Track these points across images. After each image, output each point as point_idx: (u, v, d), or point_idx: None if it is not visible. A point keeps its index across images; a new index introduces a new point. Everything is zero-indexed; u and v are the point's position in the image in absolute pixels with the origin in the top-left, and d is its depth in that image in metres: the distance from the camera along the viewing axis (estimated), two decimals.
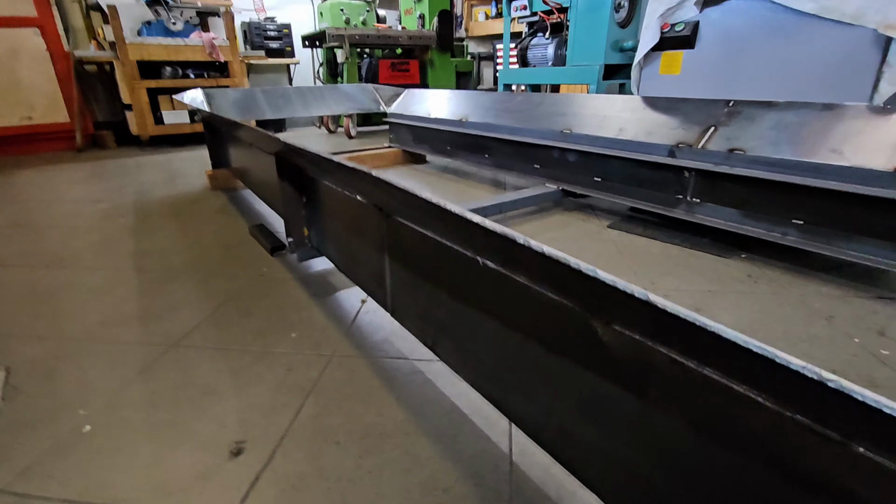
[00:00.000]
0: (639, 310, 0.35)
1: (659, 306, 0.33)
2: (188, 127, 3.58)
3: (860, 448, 0.27)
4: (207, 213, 1.78)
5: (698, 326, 0.31)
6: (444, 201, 0.50)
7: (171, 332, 0.96)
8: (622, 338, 0.41)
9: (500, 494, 0.58)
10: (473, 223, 0.47)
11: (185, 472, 0.62)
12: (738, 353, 0.30)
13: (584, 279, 0.37)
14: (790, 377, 0.28)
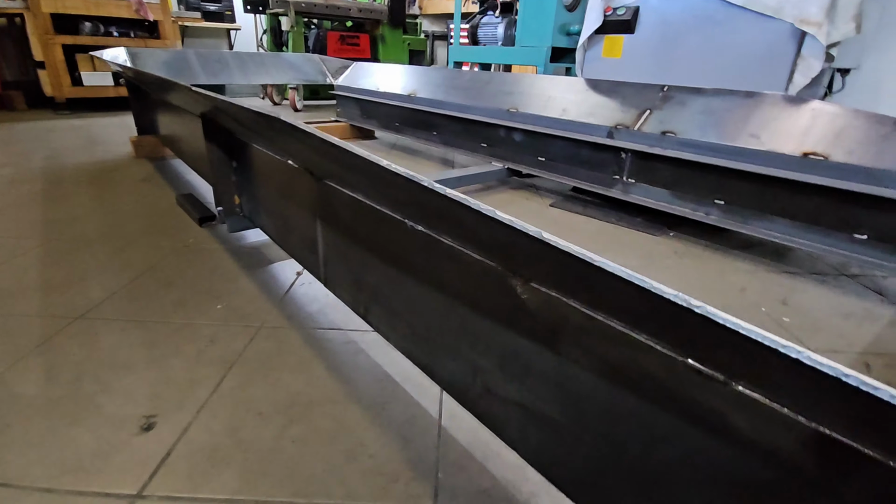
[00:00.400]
0: (552, 258, 0.35)
1: (566, 250, 0.32)
2: (112, 90, 3.26)
3: (739, 386, 0.29)
4: (129, 182, 1.64)
5: (602, 269, 0.31)
6: (374, 156, 0.48)
7: (77, 304, 0.87)
8: (539, 295, 0.41)
9: (427, 457, 0.58)
10: (399, 175, 0.45)
11: (85, 449, 0.57)
12: (636, 297, 0.30)
13: (503, 229, 0.36)
14: (681, 322, 0.29)
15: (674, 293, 0.27)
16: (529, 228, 0.31)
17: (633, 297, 0.31)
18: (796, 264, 1.21)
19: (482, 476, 0.56)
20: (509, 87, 1.89)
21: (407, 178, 0.40)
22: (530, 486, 0.54)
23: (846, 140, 1.07)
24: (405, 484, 0.54)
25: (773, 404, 0.27)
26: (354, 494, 0.52)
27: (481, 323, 0.49)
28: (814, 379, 0.24)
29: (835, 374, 0.22)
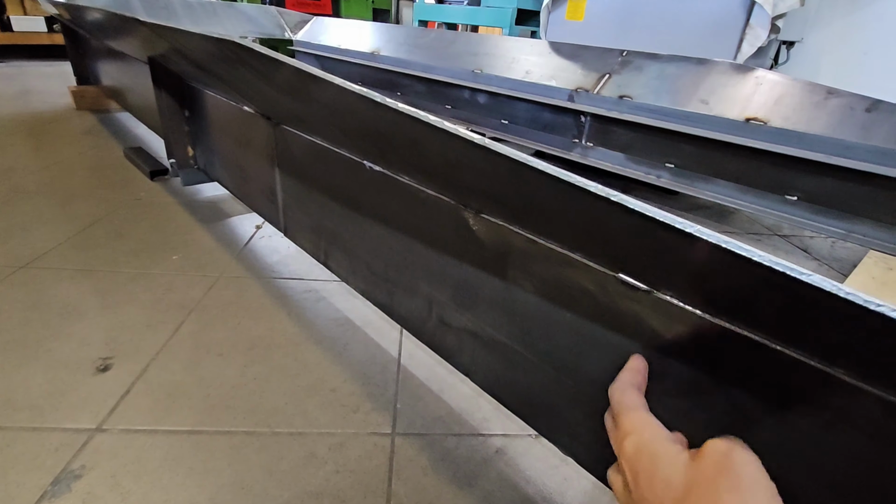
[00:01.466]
0: (502, 177, 0.36)
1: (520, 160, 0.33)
2: (46, 37, 2.98)
3: (661, 294, 0.33)
4: (71, 134, 1.54)
5: (542, 172, 0.32)
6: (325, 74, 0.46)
7: (20, 254, 0.83)
8: (489, 226, 0.43)
9: (386, 390, 0.61)
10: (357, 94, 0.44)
11: (36, 389, 0.56)
12: (574, 210, 0.33)
13: (455, 143, 0.37)
14: (610, 236, 0.32)
15: (597, 187, 0.29)
16: (475, 137, 0.33)
17: (570, 212, 0.34)
18: (737, 225, 1.30)
19: (438, 405, 0.59)
20: (474, 47, 1.87)
21: (360, 95, 0.40)
22: (483, 413, 0.59)
23: (784, 106, 1.14)
24: (365, 413, 0.57)
25: (686, 306, 0.31)
26: (316, 423, 0.55)
27: (436, 258, 0.51)
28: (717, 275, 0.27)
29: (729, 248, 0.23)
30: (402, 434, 0.55)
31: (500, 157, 0.31)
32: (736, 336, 0.28)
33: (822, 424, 0.24)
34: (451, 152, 0.38)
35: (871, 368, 0.22)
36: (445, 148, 0.38)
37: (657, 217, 0.26)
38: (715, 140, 1.20)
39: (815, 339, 0.24)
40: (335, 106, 0.46)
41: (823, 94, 1.12)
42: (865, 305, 0.19)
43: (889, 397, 0.21)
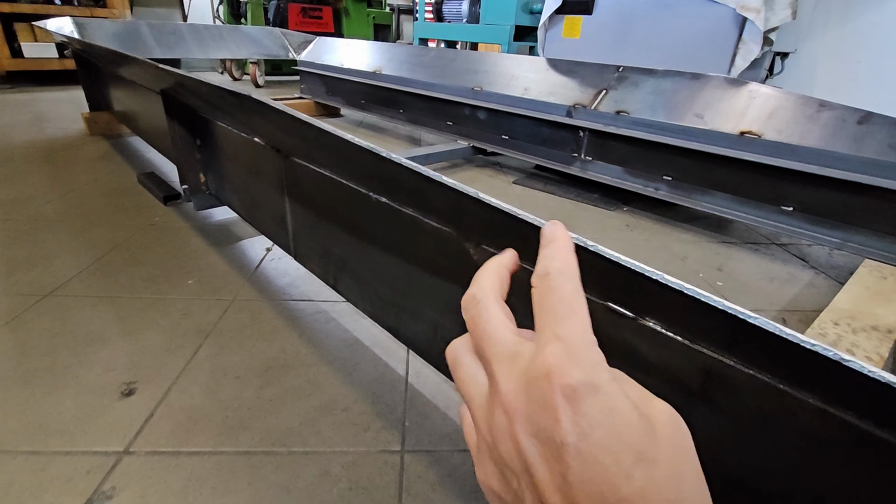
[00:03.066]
0: (498, 221, 0.40)
1: (509, 212, 0.37)
2: (57, 63, 3.08)
3: (648, 321, 0.36)
4: (86, 161, 1.59)
5: (531, 224, 0.36)
6: (336, 130, 0.51)
7: (44, 282, 0.87)
8: (488, 255, 0.47)
9: (395, 409, 0.64)
10: (363, 149, 0.49)
11: (67, 414, 0.60)
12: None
13: (453, 194, 0.41)
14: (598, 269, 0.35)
15: (591, 243, 0.32)
16: (469, 190, 0.36)
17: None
18: (734, 235, 1.32)
19: (444, 423, 0.62)
20: (474, 65, 1.92)
21: (367, 150, 0.45)
22: None
23: (777, 120, 1.17)
24: (376, 432, 0.60)
25: (669, 333, 0.34)
26: (329, 442, 0.58)
27: (440, 284, 0.54)
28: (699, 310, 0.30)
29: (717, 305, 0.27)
30: (410, 451, 0.58)
31: (494, 210, 0.35)
32: (711, 359, 0.31)
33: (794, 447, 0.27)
34: (449, 199, 0.41)
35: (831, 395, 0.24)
36: (445, 196, 0.41)
37: (628, 265, 0.29)
38: (711, 153, 1.23)
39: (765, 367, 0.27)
40: (342, 152, 0.50)
41: (816, 107, 1.15)
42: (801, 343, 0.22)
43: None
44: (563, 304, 0.21)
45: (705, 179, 1.27)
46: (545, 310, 0.21)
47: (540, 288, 0.22)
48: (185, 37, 2.45)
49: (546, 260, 0.23)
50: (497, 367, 0.21)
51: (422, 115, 2.03)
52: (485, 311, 0.24)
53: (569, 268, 0.22)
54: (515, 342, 0.22)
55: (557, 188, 1.60)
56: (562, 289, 0.21)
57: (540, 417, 0.18)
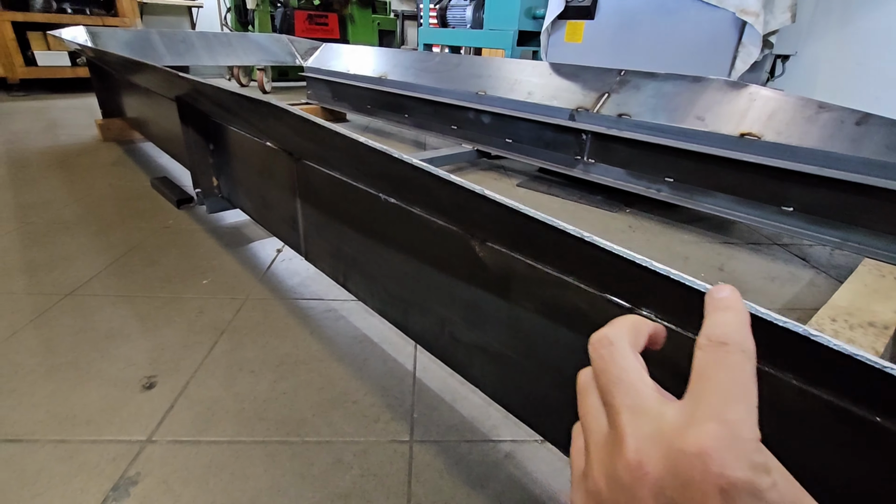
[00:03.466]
0: (504, 218, 0.43)
1: (516, 209, 0.40)
2: (69, 70, 3.14)
3: (643, 311, 0.38)
4: (100, 166, 1.63)
5: (543, 223, 0.38)
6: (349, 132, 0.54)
7: (65, 282, 0.91)
8: (493, 252, 0.49)
9: (404, 401, 0.66)
10: (376, 150, 0.51)
11: (92, 406, 0.63)
12: (568, 248, 0.39)
13: (458, 190, 0.43)
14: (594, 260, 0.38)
15: (589, 235, 0.35)
16: (475, 188, 0.39)
17: (563, 245, 0.39)
18: (736, 235, 1.34)
19: (451, 414, 0.65)
20: (478, 70, 1.95)
21: (379, 151, 0.47)
22: (493, 421, 0.64)
23: (777, 121, 1.19)
24: (385, 423, 0.63)
25: (666, 322, 0.37)
26: (341, 432, 0.61)
27: (447, 281, 0.57)
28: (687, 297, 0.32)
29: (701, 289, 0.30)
30: (419, 441, 0.60)
31: (500, 206, 0.37)
32: None
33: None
34: (457, 198, 0.44)
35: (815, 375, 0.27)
36: (453, 194, 0.44)
37: (626, 256, 0.32)
38: (712, 155, 1.25)
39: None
40: (354, 154, 0.53)
41: (815, 109, 1.17)
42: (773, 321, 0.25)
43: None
44: (736, 384, 0.19)
45: (706, 181, 1.29)
46: (712, 382, 0.19)
47: (712, 356, 0.20)
48: (194, 44, 2.50)
49: (723, 327, 0.21)
50: (626, 419, 0.20)
51: (427, 119, 2.06)
52: (619, 357, 0.23)
53: (750, 347, 0.20)
54: (654, 399, 0.21)
55: (561, 190, 1.63)
56: (739, 367, 0.19)
57: (680, 496, 0.17)
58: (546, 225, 0.39)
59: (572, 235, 0.34)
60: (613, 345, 0.23)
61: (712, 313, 0.22)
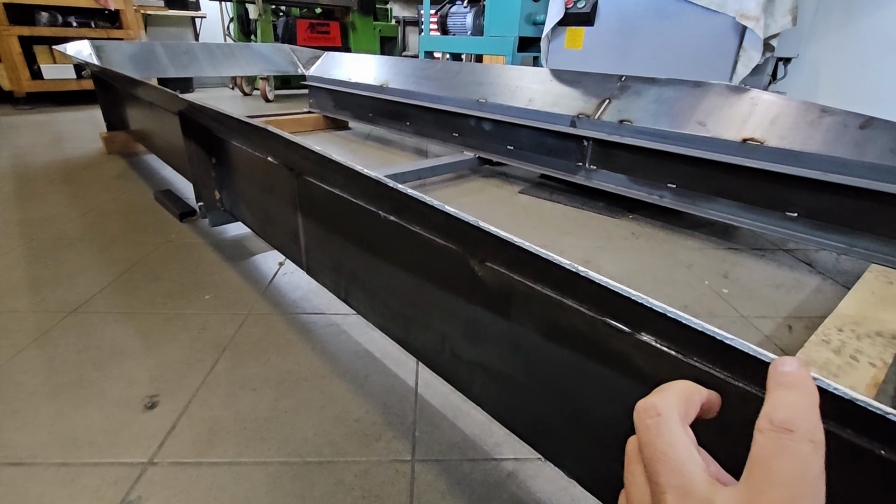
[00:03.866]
0: (501, 248, 0.43)
1: (508, 240, 0.40)
2: (75, 83, 3.17)
3: (644, 336, 0.37)
4: (104, 179, 1.65)
5: (538, 256, 0.39)
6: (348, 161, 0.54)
7: (69, 299, 0.91)
8: (492, 272, 0.49)
9: (405, 419, 0.66)
10: (375, 180, 0.52)
11: (94, 427, 0.63)
12: (565, 275, 0.39)
13: (461, 224, 0.44)
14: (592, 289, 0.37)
15: (584, 271, 0.35)
16: (469, 218, 0.39)
17: (558, 274, 0.39)
18: (741, 241, 1.33)
19: (453, 432, 0.64)
20: (478, 77, 1.95)
21: (377, 181, 0.47)
22: (495, 439, 0.63)
23: (779, 126, 1.18)
24: (387, 442, 0.62)
25: (662, 346, 0.36)
26: (343, 452, 0.60)
27: (447, 298, 0.56)
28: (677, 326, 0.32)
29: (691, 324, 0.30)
30: (421, 460, 0.60)
31: (493, 237, 0.37)
32: (699, 370, 0.32)
33: None
34: (453, 222, 0.44)
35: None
36: (449, 221, 0.44)
37: (621, 292, 0.32)
38: (714, 161, 1.24)
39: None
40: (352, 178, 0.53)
41: (817, 113, 1.16)
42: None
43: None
44: (802, 481, 0.17)
45: (709, 186, 1.28)
46: (774, 474, 0.18)
47: (775, 443, 0.18)
48: (197, 56, 2.52)
49: (789, 411, 0.19)
50: (671, 501, 0.19)
51: (428, 127, 2.06)
52: (667, 431, 0.21)
53: (819, 437, 0.18)
54: (703, 482, 0.19)
55: (563, 197, 1.62)
56: (806, 460, 0.18)
57: None
58: (539, 257, 0.39)
59: (566, 269, 0.34)
60: (661, 416, 0.22)
61: (775, 390, 0.20)
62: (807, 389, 0.20)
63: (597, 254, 1.20)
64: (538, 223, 1.40)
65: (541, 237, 1.30)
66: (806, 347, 0.72)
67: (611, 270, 1.11)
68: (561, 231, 1.34)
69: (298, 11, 4.06)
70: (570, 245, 1.25)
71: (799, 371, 0.20)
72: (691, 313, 0.85)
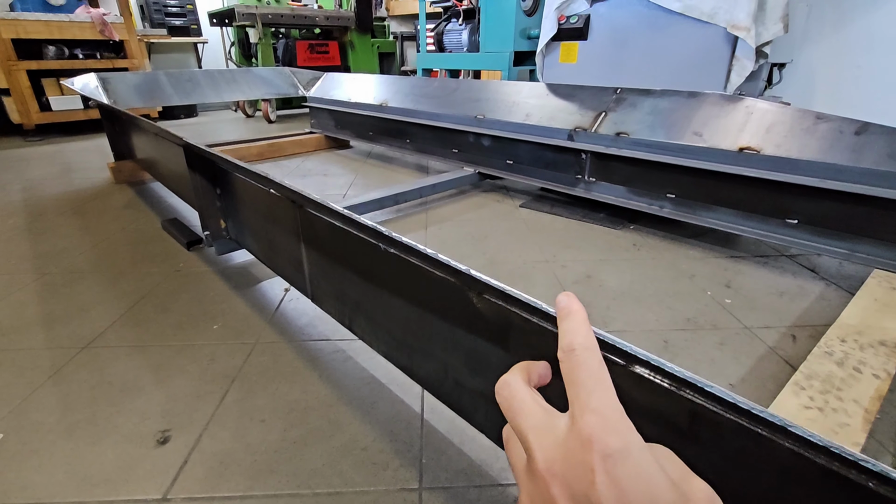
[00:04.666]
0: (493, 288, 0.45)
1: (494, 286, 0.42)
2: (82, 113, 3.25)
3: (638, 369, 0.38)
4: (113, 210, 1.68)
5: (525, 303, 0.40)
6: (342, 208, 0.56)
7: (81, 334, 0.94)
8: (490, 304, 0.50)
9: (412, 446, 0.67)
10: (361, 224, 0.54)
11: (109, 464, 0.64)
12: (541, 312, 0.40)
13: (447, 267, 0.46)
14: None
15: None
16: (461, 266, 0.41)
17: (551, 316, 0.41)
18: (743, 248, 1.33)
19: (460, 458, 0.65)
20: (476, 93, 1.98)
21: (370, 229, 0.49)
22: (501, 464, 0.64)
23: (775, 134, 1.19)
24: (394, 470, 0.63)
25: (656, 378, 0.37)
26: (351, 482, 0.61)
27: (448, 328, 0.58)
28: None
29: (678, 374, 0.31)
30: (428, 488, 0.60)
31: (486, 286, 0.39)
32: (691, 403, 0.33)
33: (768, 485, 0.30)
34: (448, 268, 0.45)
35: None
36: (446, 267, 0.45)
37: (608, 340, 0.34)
38: (711, 170, 1.25)
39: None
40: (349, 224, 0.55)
41: (813, 120, 1.17)
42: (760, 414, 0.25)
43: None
44: (591, 377, 0.23)
45: (708, 196, 1.29)
46: (576, 384, 0.24)
47: (568, 363, 0.25)
48: (200, 83, 2.58)
49: (569, 335, 0.26)
50: (532, 439, 0.24)
51: (428, 144, 2.09)
52: (515, 391, 0.28)
53: (591, 342, 0.25)
54: (546, 413, 0.25)
55: (564, 209, 1.63)
56: (588, 363, 0.24)
57: (578, 482, 0.21)
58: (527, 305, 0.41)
59: (550, 315, 0.36)
60: (510, 385, 0.28)
61: (560, 324, 0.27)
62: (576, 311, 0.27)
63: (598, 267, 1.21)
64: (539, 237, 1.41)
65: (542, 251, 1.31)
66: (809, 360, 0.72)
67: (613, 284, 1.12)
68: (562, 244, 1.35)
69: (298, 33, 4.14)
70: (572, 259, 1.26)
71: (568, 301, 0.28)
72: (695, 326, 0.87)
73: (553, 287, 1.11)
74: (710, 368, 0.82)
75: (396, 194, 1.60)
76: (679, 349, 0.87)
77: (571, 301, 0.28)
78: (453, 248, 1.34)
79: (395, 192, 1.60)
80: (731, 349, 0.87)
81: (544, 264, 1.23)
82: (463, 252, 1.31)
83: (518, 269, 1.20)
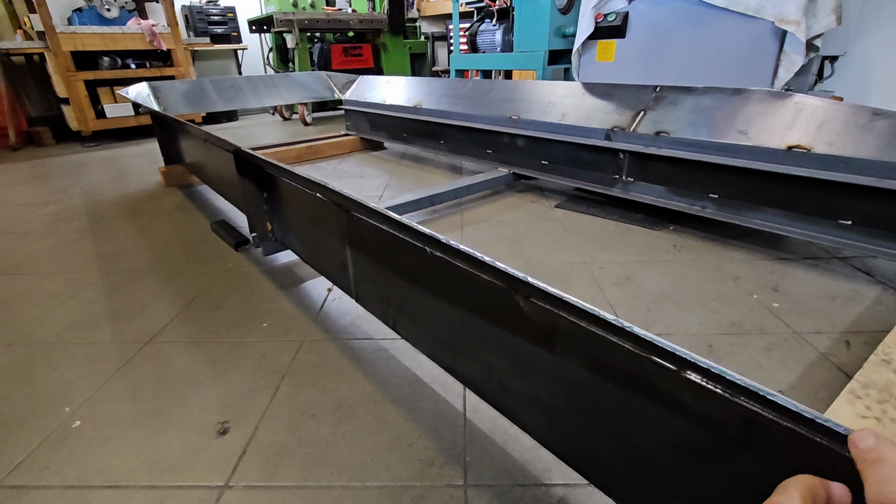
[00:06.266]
0: (541, 292, 0.46)
1: (542, 289, 0.43)
2: (133, 120, 3.44)
3: (690, 374, 0.39)
4: (165, 212, 1.78)
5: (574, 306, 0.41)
6: (392, 213, 0.59)
7: (144, 330, 1.00)
8: (537, 308, 0.51)
9: (456, 444, 0.69)
10: (414, 230, 0.56)
11: (176, 451, 0.69)
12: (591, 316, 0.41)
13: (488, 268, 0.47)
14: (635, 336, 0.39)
15: (620, 321, 0.37)
16: (510, 270, 0.42)
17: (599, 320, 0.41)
18: (791, 250, 1.28)
19: (503, 457, 0.66)
20: (510, 94, 1.98)
21: (421, 233, 0.51)
22: (544, 464, 0.65)
23: (827, 132, 1.14)
24: (440, 467, 0.65)
25: (708, 384, 0.38)
26: (399, 477, 0.64)
27: (493, 330, 0.59)
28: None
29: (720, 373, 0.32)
30: (473, 486, 0.62)
31: (534, 289, 0.40)
32: (748, 411, 0.34)
33: None
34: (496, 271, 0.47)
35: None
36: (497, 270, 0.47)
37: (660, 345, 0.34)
38: (757, 170, 1.21)
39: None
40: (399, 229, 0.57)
41: (869, 116, 1.11)
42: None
43: None
44: None
45: (754, 196, 1.25)
46: None
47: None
48: (242, 89, 2.68)
49: (889, 485, 0.20)
50: None
51: (462, 145, 2.10)
52: None
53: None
54: None
55: (600, 210, 1.62)
56: None
57: None
58: (577, 308, 0.42)
59: (602, 319, 0.37)
60: None
61: (867, 469, 0.22)
62: (893, 460, 0.21)
63: (637, 269, 1.20)
64: (576, 238, 1.40)
65: (579, 253, 1.30)
66: (865, 368, 0.70)
67: (653, 287, 1.10)
68: (599, 246, 1.34)
69: (332, 37, 4.23)
70: (610, 260, 1.25)
71: (878, 444, 0.22)
72: (740, 331, 0.87)
73: (591, 289, 1.10)
74: (758, 374, 0.81)
75: (432, 195, 1.63)
76: (724, 354, 0.86)
77: (883, 444, 0.22)
78: (490, 249, 1.35)
79: (431, 194, 1.62)
80: (779, 355, 0.85)
81: (582, 266, 1.22)
82: (500, 253, 1.32)
83: (555, 271, 1.21)
